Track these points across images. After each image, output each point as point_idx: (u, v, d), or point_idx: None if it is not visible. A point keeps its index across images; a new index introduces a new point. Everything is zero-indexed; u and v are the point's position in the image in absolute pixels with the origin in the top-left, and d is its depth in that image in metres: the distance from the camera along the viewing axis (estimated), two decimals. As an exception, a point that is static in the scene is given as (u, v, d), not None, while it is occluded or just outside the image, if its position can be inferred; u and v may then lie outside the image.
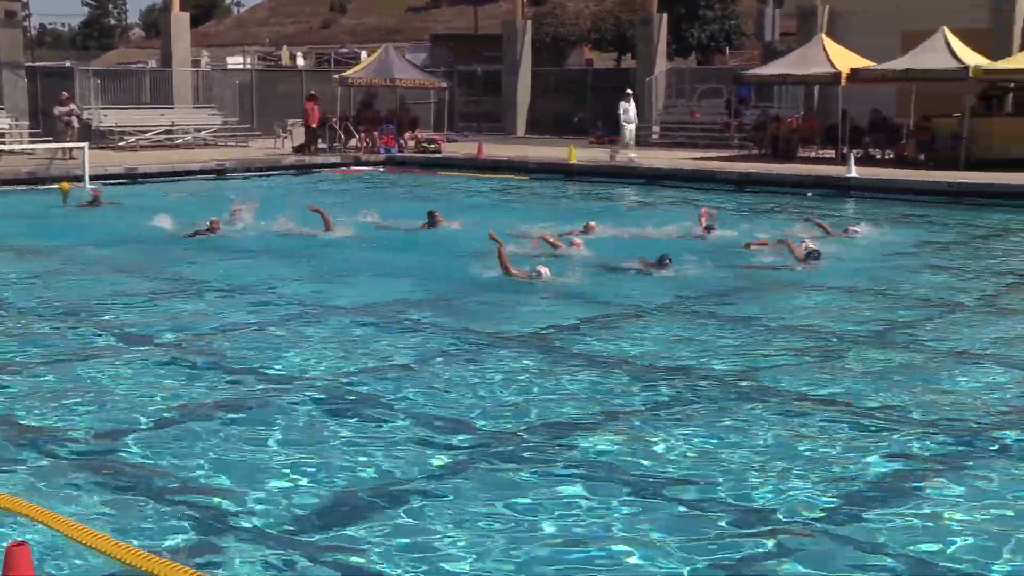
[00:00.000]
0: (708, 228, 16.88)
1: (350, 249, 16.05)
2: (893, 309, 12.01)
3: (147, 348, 10.13)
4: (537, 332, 10.79)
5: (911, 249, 16.20)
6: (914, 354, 10.05)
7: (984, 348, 10.27)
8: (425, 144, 32.11)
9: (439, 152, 31.49)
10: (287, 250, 15.85)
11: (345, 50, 66.69)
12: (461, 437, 7.64)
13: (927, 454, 7.37)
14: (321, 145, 31.67)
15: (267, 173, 28.45)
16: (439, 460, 7.19)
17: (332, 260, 15.16)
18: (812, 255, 14.21)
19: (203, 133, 34.05)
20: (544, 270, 12.93)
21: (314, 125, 31.33)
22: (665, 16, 38.81)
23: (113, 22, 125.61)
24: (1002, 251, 16.59)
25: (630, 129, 29.24)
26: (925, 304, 12.34)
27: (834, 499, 6.54)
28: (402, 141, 32.12)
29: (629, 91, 30.34)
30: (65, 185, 21.46)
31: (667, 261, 13.64)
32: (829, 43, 28.65)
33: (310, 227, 17.05)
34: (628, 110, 29.27)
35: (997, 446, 7.50)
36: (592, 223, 16.79)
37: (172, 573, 4.93)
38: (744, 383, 9.03)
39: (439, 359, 9.76)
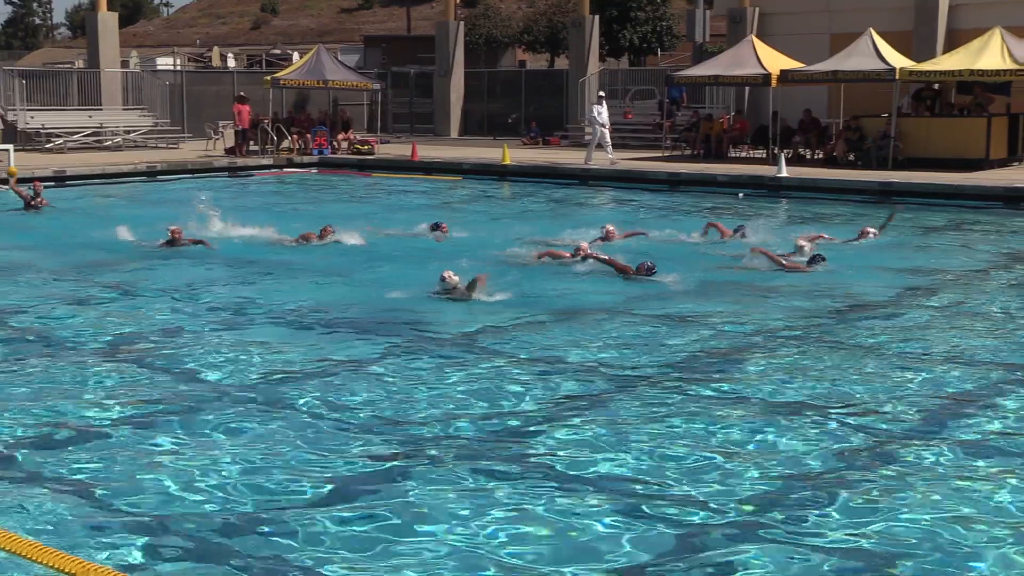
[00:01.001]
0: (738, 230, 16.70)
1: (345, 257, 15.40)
2: (822, 308, 12.13)
3: (83, 355, 9.97)
4: (468, 333, 10.77)
5: (841, 247, 16.34)
6: (843, 351, 10.17)
7: (919, 345, 10.42)
8: (358, 146, 31.97)
9: (372, 154, 31.37)
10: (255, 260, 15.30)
11: (277, 51, 66.26)
12: (401, 439, 7.61)
13: (860, 446, 7.47)
14: (253, 147, 31.41)
15: (199, 175, 28.16)
16: (384, 463, 7.15)
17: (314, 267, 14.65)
18: (816, 259, 14.07)
19: (133, 135, 33.61)
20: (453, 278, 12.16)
21: (244, 127, 31.06)
22: (597, 18, 39.00)
23: (38, 21, 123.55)
24: (937, 248, 16.82)
25: (604, 132, 28.40)
26: (854, 301, 12.49)
27: (780, 495, 6.60)
28: (335, 143, 31.96)
29: (602, 93, 30.00)
30: (12, 169, 21.21)
31: (650, 268, 13.19)
32: (759, 45, 28.96)
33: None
34: (601, 112, 28.55)
35: (933, 440, 7.62)
36: (611, 228, 16.29)
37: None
38: (683, 382, 9.10)
39: (383, 362, 9.72)
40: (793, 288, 13.08)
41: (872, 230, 16.78)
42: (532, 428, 7.86)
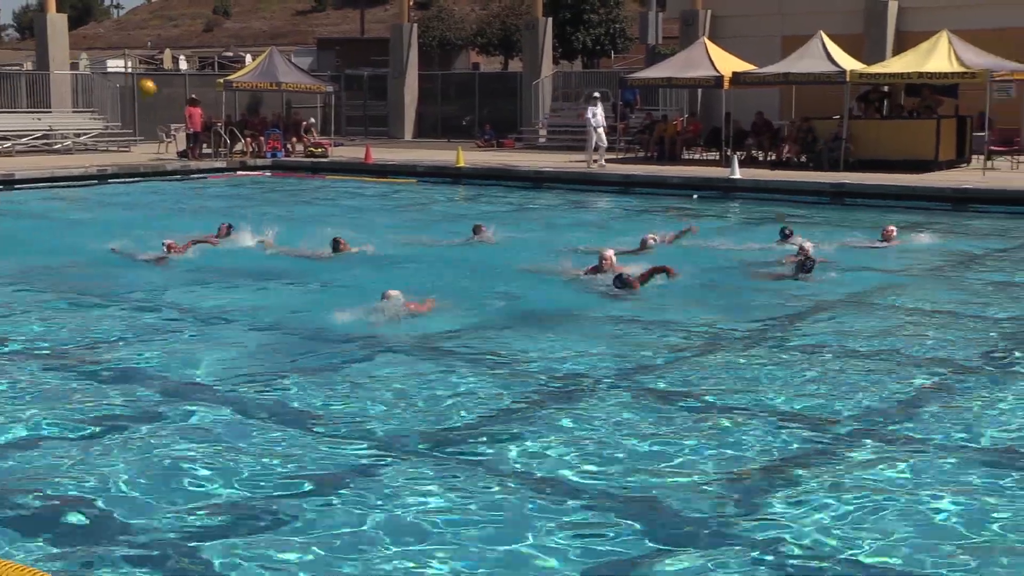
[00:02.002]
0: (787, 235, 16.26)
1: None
2: (778, 311, 12.22)
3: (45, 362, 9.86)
4: (428, 337, 10.76)
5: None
6: (800, 353, 10.25)
7: (868, 345, 10.52)
8: (312, 148, 31.84)
9: (326, 156, 31.25)
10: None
11: (229, 54, 65.90)
12: (367, 443, 7.59)
13: (817, 447, 7.53)
14: (206, 150, 31.19)
15: (150, 179, 27.93)
16: (348, 464, 7.13)
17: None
18: (804, 267, 13.58)
19: (83, 138, 33.28)
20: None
21: (196, 130, 30.85)
22: (550, 20, 39.10)
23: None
24: (890, 248, 16.94)
25: (599, 134, 27.99)
26: (805, 302, 12.59)
27: (734, 496, 6.64)
28: (289, 145, 31.81)
29: (597, 94, 29.72)
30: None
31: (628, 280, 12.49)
32: (712, 47, 29.14)
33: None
34: (596, 114, 28.22)
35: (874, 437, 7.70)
36: (651, 237, 15.70)
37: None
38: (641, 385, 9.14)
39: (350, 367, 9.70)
40: (760, 290, 13.17)
41: (893, 228, 16.60)
42: (490, 430, 7.86)
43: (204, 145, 31.20)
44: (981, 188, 22.22)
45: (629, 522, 6.23)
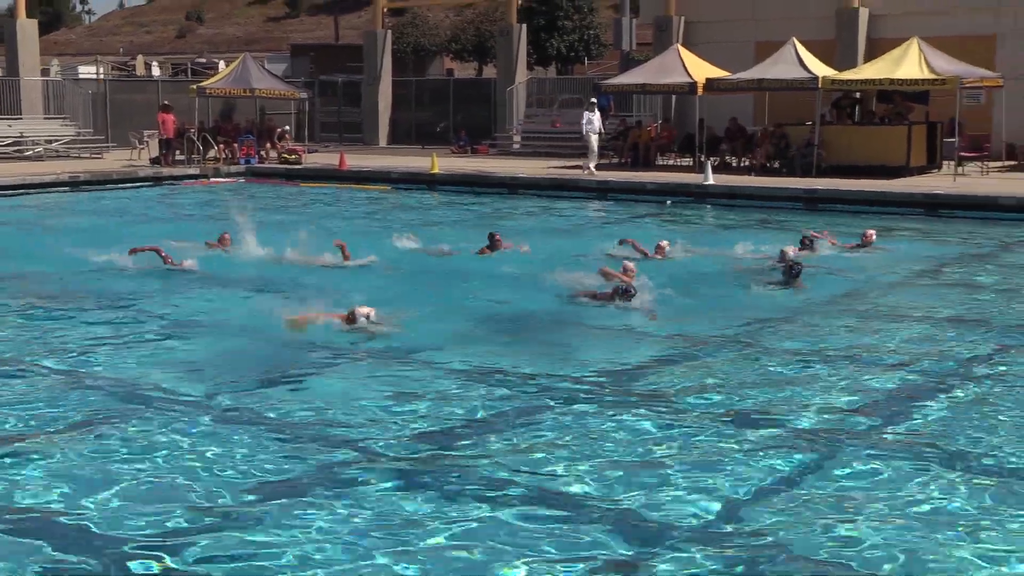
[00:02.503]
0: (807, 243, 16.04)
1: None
2: (748, 316, 12.26)
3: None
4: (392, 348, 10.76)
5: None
6: (775, 358, 10.30)
7: (841, 349, 10.57)
8: (286, 155, 31.76)
9: (300, 163, 31.17)
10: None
11: (203, 60, 65.65)
12: (338, 448, 7.57)
13: (789, 451, 7.57)
14: (179, 157, 31.06)
15: (123, 185, 27.78)
16: (319, 471, 7.11)
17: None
18: (792, 272, 13.35)
19: (55, 144, 33.07)
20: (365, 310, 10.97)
21: (169, 136, 30.71)
22: (524, 27, 39.11)
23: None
24: (862, 254, 17.01)
25: (595, 140, 27.64)
26: (780, 309, 12.64)
27: (711, 503, 6.66)
28: (262, 152, 31.71)
29: (593, 100, 29.31)
30: None
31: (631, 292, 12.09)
32: (685, 53, 29.23)
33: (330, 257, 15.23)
34: (592, 120, 27.93)
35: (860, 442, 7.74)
36: (664, 243, 15.70)
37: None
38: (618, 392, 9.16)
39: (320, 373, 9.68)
40: (747, 296, 13.14)
41: (873, 232, 16.58)
42: (468, 438, 7.87)
43: (177, 152, 31.06)
44: (952, 194, 22.38)
45: (609, 529, 6.25)
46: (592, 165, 27.40)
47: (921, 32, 26.55)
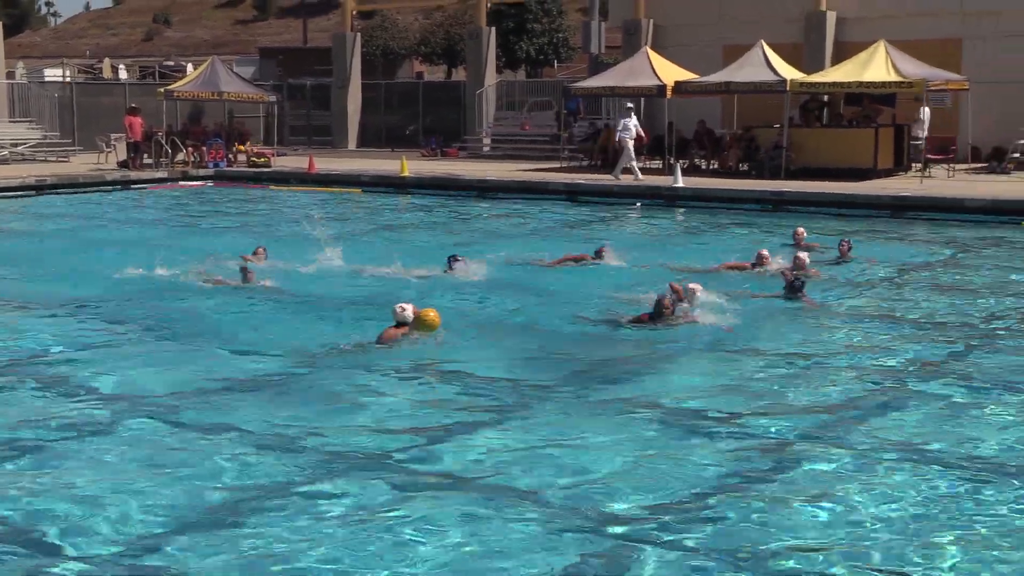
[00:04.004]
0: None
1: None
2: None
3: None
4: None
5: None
6: (748, 359, 10.34)
7: (813, 351, 10.63)
8: (255, 158, 31.63)
9: (269, 166, 31.06)
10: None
11: (171, 63, 65.29)
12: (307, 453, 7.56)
13: (763, 454, 7.60)
14: (147, 160, 30.87)
15: (90, 189, 27.59)
16: (293, 476, 7.09)
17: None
18: (794, 287, 12.73)
19: (20, 148, 32.80)
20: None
21: (137, 139, 30.53)
22: (494, 30, 39.14)
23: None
24: (831, 255, 17.09)
25: (631, 145, 26.29)
26: (756, 308, 12.68)
27: (679, 501, 6.69)
28: (231, 155, 31.57)
29: (630, 104, 27.82)
30: None
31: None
32: (654, 56, 29.31)
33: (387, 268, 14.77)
34: (629, 126, 26.63)
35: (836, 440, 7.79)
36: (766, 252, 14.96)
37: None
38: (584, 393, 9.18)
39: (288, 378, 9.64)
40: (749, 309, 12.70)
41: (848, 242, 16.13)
42: (450, 441, 7.87)
43: (145, 155, 30.88)
44: (919, 196, 22.56)
45: (588, 529, 6.26)
46: (625, 169, 26.14)
47: (888, 35, 26.73)
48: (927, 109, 26.49)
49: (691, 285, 11.98)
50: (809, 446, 7.74)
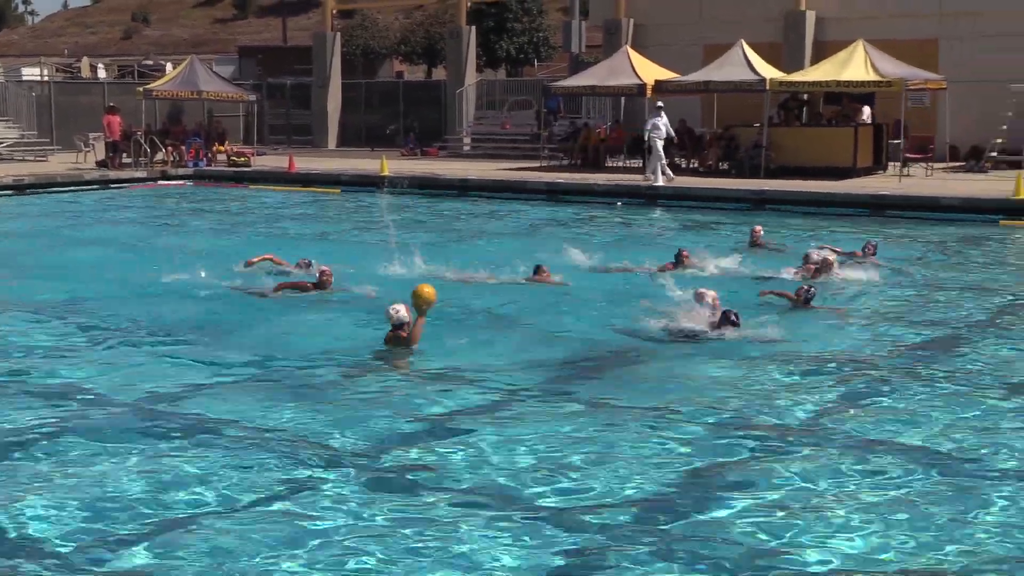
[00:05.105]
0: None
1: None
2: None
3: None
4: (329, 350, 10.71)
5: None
6: (725, 355, 10.37)
7: (792, 349, 10.67)
8: (235, 158, 31.54)
9: (249, 166, 30.97)
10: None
11: (149, 62, 65.03)
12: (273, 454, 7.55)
13: (741, 449, 7.63)
14: (126, 159, 30.74)
15: (69, 189, 27.45)
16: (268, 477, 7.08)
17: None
18: (806, 299, 12.20)
19: (-2, 147, 32.63)
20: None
21: (115, 139, 30.39)
22: (474, 29, 39.12)
23: None
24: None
25: (660, 146, 25.58)
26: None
27: (649, 497, 6.71)
28: (210, 155, 31.47)
29: (660, 104, 26.81)
30: None
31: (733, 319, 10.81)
32: (634, 55, 29.35)
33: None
34: (659, 125, 25.76)
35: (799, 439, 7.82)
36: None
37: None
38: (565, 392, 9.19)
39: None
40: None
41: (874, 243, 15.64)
42: (426, 441, 7.87)
43: (124, 155, 30.74)
44: (897, 195, 22.67)
45: (566, 529, 6.28)
46: (656, 173, 25.32)
47: (867, 35, 26.85)
48: (868, 108, 27.13)
49: (702, 290, 11.50)
50: (782, 444, 7.78)
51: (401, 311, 10.16)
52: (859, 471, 7.17)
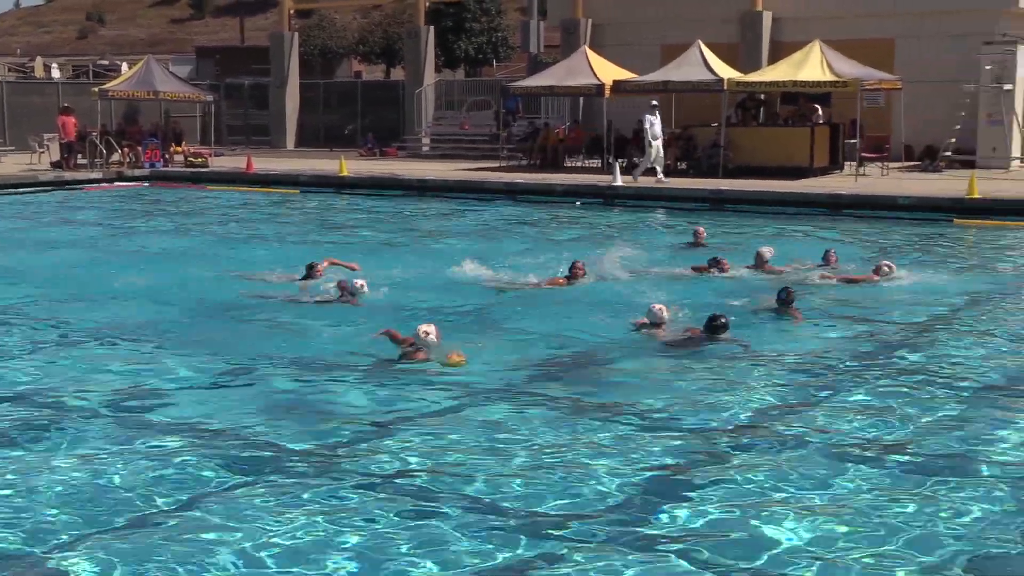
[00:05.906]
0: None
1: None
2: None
3: None
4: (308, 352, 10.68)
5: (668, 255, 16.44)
6: (695, 359, 10.41)
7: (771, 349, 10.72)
8: (192, 158, 31.32)
9: (206, 166, 30.77)
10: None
11: (105, 62, 64.48)
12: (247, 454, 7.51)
13: (714, 450, 7.67)
14: (82, 160, 30.45)
15: (23, 190, 27.16)
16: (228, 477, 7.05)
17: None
18: (784, 300, 12.07)
19: (-49, 149, 32.23)
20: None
21: (70, 139, 30.09)
22: (432, 29, 39.08)
23: None
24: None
25: (656, 146, 25.60)
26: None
27: (617, 498, 6.73)
28: (167, 155, 31.23)
29: (655, 102, 26.36)
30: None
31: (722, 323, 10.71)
32: (593, 55, 29.41)
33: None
34: (654, 124, 25.70)
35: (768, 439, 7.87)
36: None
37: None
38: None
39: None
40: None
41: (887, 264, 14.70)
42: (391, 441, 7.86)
43: (79, 155, 30.45)
44: (854, 194, 22.86)
45: (527, 529, 6.29)
46: (637, 171, 25.57)
47: (823, 35, 27.05)
48: (819, 107, 27.64)
49: (656, 307, 11.13)
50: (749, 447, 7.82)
51: (432, 335, 9.76)
52: (830, 471, 7.21)
